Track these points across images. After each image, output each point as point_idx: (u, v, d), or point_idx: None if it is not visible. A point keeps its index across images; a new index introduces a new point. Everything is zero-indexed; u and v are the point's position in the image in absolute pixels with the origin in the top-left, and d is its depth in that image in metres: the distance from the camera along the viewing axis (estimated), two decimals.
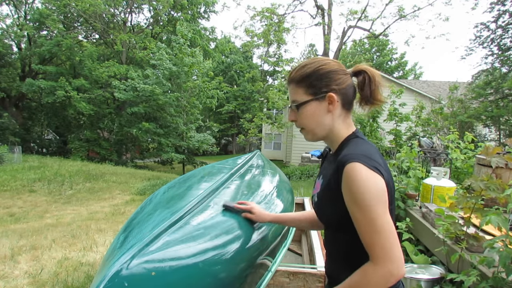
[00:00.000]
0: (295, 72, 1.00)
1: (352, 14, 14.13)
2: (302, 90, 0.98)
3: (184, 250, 1.02)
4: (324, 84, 0.96)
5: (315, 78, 0.96)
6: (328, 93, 0.96)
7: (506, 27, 11.30)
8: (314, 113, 0.97)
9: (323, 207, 0.99)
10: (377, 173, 0.83)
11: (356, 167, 0.82)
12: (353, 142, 0.95)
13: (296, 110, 1.00)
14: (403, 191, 2.90)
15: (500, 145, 8.94)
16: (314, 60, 1.00)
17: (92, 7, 17.64)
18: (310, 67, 0.98)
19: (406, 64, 32.86)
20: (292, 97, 1.01)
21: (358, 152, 0.86)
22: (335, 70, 0.97)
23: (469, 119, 10.50)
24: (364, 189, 0.80)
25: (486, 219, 1.51)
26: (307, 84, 0.97)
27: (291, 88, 1.01)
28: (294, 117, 1.02)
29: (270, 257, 1.49)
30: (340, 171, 0.85)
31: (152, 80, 15.92)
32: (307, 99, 0.97)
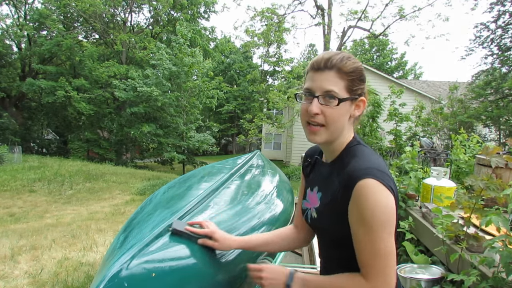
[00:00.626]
0: (338, 61, 0.87)
1: (352, 14, 14.14)
2: (343, 84, 0.86)
3: (184, 250, 1.02)
4: (362, 86, 0.90)
5: (358, 77, 0.88)
6: (361, 97, 0.90)
7: (506, 27, 11.30)
8: (344, 114, 0.88)
9: (325, 225, 0.91)
10: (390, 191, 0.78)
11: (370, 184, 0.77)
12: (359, 151, 0.88)
13: (329, 104, 0.86)
14: (404, 191, 2.90)
15: (500, 145, 8.94)
16: (350, 55, 0.90)
17: (92, 7, 17.65)
18: (355, 62, 0.89)
19: (406, 64, 32.89)
20: (330, 85, 0.86)
21: (371, 166, 0.81)
22: (364, 71, 0.91)
23: (469, 119, 10.50)
24: (374, 210, 0.76)
25: (487, 219, 1.51)
26: (351, 79, 0.87)
27: (329, 76, 0.86)
28: (319, 110, 0.87)
29: (270, 257, 1.49)
30: (350, 187, 0.79)
31: (152, 80, 15.92)
32: (347, 96, 0.87)
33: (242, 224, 1.34)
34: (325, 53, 0.90)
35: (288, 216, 1.84)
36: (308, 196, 1.01)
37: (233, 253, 1.16)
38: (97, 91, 18.66)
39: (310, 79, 0.89)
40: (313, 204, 0.97)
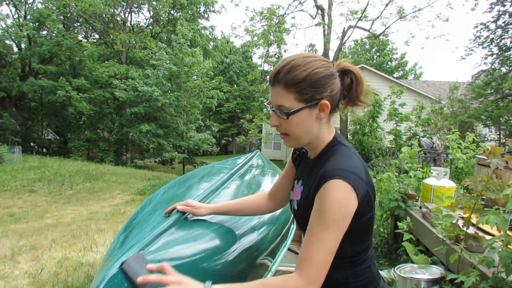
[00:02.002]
0: (284, 74, 0.87)
1: (352, 14, 14.13)
2: (292, 96, 0.87)
3: (184, 250, 1.02)
4: (318, 91, 0.87)
5: (309, 84, 0.86)
6: (322, 101, 0.88)
7: (506, 27, 11.30)
8: (304, 121, 0.89)
9: (303, 218, 0.93)
10: (357, 194, 0.81)
11: (337, 184, 0.80)
12: (338, 152, 0.91)
13: (281, 117, 0.89)
14: (404, 191, 2.90)
15: (500, 145, 8.94)
16: (304, 60, 0.88)
17: (92, 7, 17.66)
18: (303, 70, 0.86)
19: (406, 64, 32.89)
20: (278, 101, 0.89)
21: (343, 167, 0.83)
22: (329, 75, 0.88)
23: (469, 119, 10.50)
24: (332, 210, 0.79)
25: (484, 218, 1.52)
26: (299, 90, 0.86)
27: (277, 91, 0.88)
28: (278, 122, 0.91)
29: (270, 257, 1.49)
30: (320, 185, 0.82)
31: (152, 80, 15.92)
32: (299, 107, 0.87)
33: (242, 224, 1.34)
34: (279, 63, 0.90)
35: (288, 216, 1.84)
36: (295, 187, 1.05)
37: (233, 253, 1.16)
38: (97, 91, 18.66)
39: (270, 91, 0.93)
40: (296, 196, 1.01)
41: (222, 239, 1.18)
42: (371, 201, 0.88)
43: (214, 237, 1.16)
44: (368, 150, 10.43)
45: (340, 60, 0.96)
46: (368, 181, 0.87)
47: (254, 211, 1.21)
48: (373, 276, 0.96)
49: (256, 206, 1.20)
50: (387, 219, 3.25)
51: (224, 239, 1.19)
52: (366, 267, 0.94)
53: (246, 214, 1.24)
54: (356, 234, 0.88)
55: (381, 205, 2.92)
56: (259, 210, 1.21)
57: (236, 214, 1.23)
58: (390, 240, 3.14)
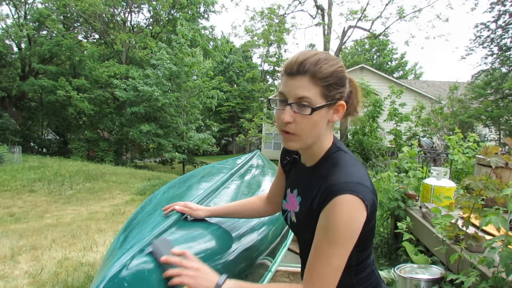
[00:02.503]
0: (312, 65, 0.80)
1: (352, 14, 14.13)
2: (318, 90, 0.80)
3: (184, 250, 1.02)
4: (340, 90, 0.83)
5: (335, 81, 0.82)
6: (340, 100, 0.84)
7: (506, 27, 11.30)
8: (320, 121, 0.83)
9: (305, 231, 0.91)
10: (365, 205, 0.77)
11: (346, 201, 0.76)
12: (340, 160, 0.85)
13: (302, 112, 0.81)
14: (403, 191, 2.90)
15: (500, 145, 8.94)
16: (328, 56, 0.83)
17: (92, 7, 17.66)
18: (331, 65, 0.81)
19: (406, 64, 32.91)
20: (302, 92, 0.80)
21: (350, 180, 0.78)
22: (347, 76, 0.86)
23: (469, 119, 10.51)
24: (342, 227, 0.76)
25: (486, 219, 1.51)
26: (326, 85, 0.81)
27: (302, 81, 0.80)
28: (292, 118, 0.82)
29: (270, 257, 1.49)
30: (327, 200, 0.77)
31: (152, 80, 15.93)
32: (322, 103, 0.81)
33: (242, 224, 1.34)
34: (300, 54, 0.83)
35: None
36: (288, 197, 1.00)
37: (233, 253, 1.16)
38: (97, 91, 18.66)
39: (284, 84, 0.83)
40: (292, 208, 0.96)
41: (222, 239, 1.18)
42: (375, 209, 0.86)
43: (214, 237, 1.16)
44: (368, 150, 10.43)
45: None
46: (373, 189, 0.84)
47: (253, 214, 1.20)
48: (377, 280, 0.95)
49: (254, 210, 1.18)
50: (387, 219, 3.25)
51: (224, 239, 1.19)
52: (370, 272, 0.94)
53: (244, 217, 1.23)
54: (361, 242, 0.86)
55: (381, 205, 2.92)
56: (258, 214, 1.20)
57: (234, 217, 1.22)
58: (390, 240, 3.15)
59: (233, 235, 1.24)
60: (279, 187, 1.11)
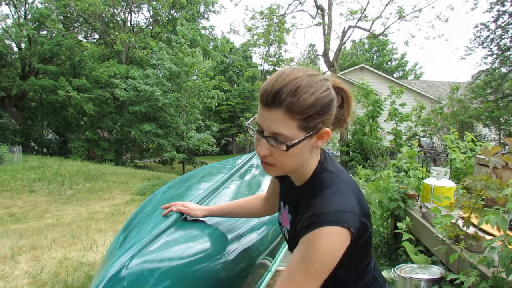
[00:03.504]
0: (288, 95, 0.70)
1: (352, 14, 14.12)
2: (296, 124, 0.71)
3: (184, 250, 1.02)
4: (323, 118, 0.74)
5: (316, 111, 0.72)
6: (324, 128, 0.76)
7: (506, 27, 11.30)
8: (300, 152, 0.76)
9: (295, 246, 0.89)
10: (349, 232, 0.72)
11: (326, 233, 0.71)
12: (326, 183, 0.80)
13: (278, 147, 0.74)
14: (403, 191, 2.90)
15: (500, 145, 8.95)
16: (310, 81, 0.72)
17: (92, 7, 17.67)
18: (311, 94, 0.71)
19: (406, 64, 32.93)
20: (276, 127, 0.72)
21: (334, 209, 0.73)
22: (333, 98, 0.76)
23: (469, 119, 10.51)
24: (319, 261, 0.71)
25: (485, 218, 1.52)
26: (305, 117, 0.71)
27: (276, 115, 0.71)
28: (269, 152, 0.76)
29: (270, 257, 1.49)
30: (308, 229, 0.73)
31: (152, 80, 15.93)
32: (301, 137, 0.73)
33: (242, 224, 1.34)
34: (277, 79, 0.72)
35: None
36: (281, 210, 0.98)
37: (233, 253, 1.16)
38: (97, 91, 18.67)
39: (259, 114, 0.75)
40: (285, 224, 0.95)
41: (222, 239, 1.18)
42: (367, 226, 0.80)
43: (214, 237, 1.16)
44: (368, 150, 10.43)
45: (332, 76, 0.84)
46: (363, 209, 0.79)
47: (251, 214, 1.19)
48: (380, 284, 0.94)
49: (252, 209, 1.17)
50: (387, 219, 3.25)
51: (224, 239, 1.18)
52: (371, 278, 0.92)
53: (242, 216, 1.23)
54: (356, 256, 0.83)
55: (381, 205, 2.92)
56: (255, 213, 1.19)
57: (232, 216, 1.22)
58: (390, 240, 3.14)
59: (233, 235, 1.24)
60: (275, 189, 1.09)
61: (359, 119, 10.58)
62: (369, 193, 3.02)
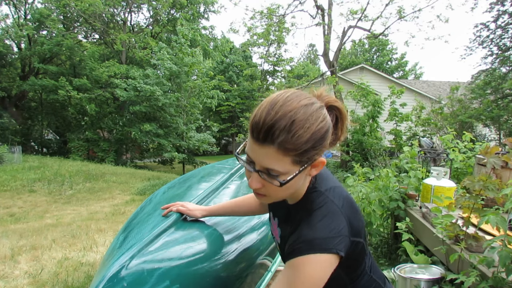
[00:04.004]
0: (282, 132, 0.65)
1: (352, 14, 14.12)
2: (290, 159, 0.68)
3: (183, 250, 1.02)
4: (318, 150, 0.71)
5: (312, 145, 0.68)
6: (319, 158, 0.73)
7: (506, 27, 11.31)
8: (294, 183, 0.73)
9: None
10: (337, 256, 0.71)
11: (312, 261, 0.69)
12: (314, 205, 0.77)
13: (270, 181, 0.71)
14: (403, 191, 2.90)
15: (500, 145, 8.94)
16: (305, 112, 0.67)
17: (92, 7, 17.66)
18: (307, 128, 0.67)
19: (406, 64, 32.91)
20: (269, 163, 0.69)
21: (321, 235, 0.71)
22: (328, 127, 0.72)
23: (469, 119, 10.51)
24: (304, 286, 0.69)
25: (485, 219, 1.52)
26: (300, 153, 0.68)
27: (269, 152, 0.67)
28: (260, 185, 0.73)
29: (270, 257, 1.49)
30: (294, 255, 0.71)
31: (153, 80, 15.94)
32: (295, 171, 0.70)
33: (242, 224, 1.34)
34: (269, 110, 0.67)
35: None
36: (272, 222, 0.97)
37: (233, 253, 1.16)
38: (97, 91, 18.67)
39: (250, 147, 0.71)
40: (276, 236, 0.95)
41: (222, 239, 1.18)
42: (359, 241, 0.79)
43: (214, 237, 1.16)
44: (368, 150, 10.44)
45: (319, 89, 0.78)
46: (354, 227, 0.77)
47: (248, 212, 1.20)
48: (378, 283, 0.93)
49: (249, 208, 1.18)
50: (387, 219, 3.26)
51: (223, 239, 1.19)
52: (368, 279, 0.91)
53: (239, 215, 1.24)
54: (350, 265, 0.82)
55: (381, 205, 2.92)
56: (252, 212, 1.20)
57: (231, 215, 1.22)
58: (390, 240, 3.15)
59: (232, 235, 1.24)
60: None
61: (359, 119, 10.57)
62: (368, 192, 3.02)
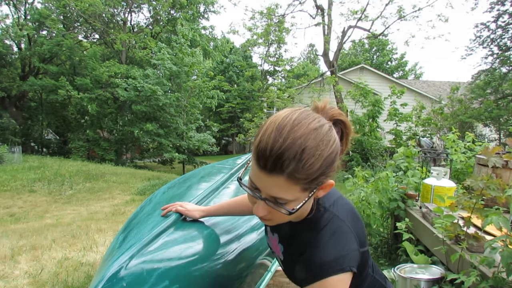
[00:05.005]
0: (292, 162, 0.61)
1: (352, 14, 14.14)
2: (299, 187, 0.65)
3: (183, 250, 1.02)
4: (327, 175, 0.67)
5: (322, 172, 0.65)
6: (328, 181, 0.70)
7: (506, 27, 11.31)
8: (302, 209, 0.71)
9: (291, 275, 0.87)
10: (352, 272, 0.71)
11: (333, 283, 0.68)
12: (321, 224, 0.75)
13: (278, 209, 0.68)
14: (403, 191, 2.90)
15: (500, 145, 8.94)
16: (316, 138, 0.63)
17: (92, 7, 17.66)
18: (318, 156, 0.62)
19: (406, 64, 32.91)
20: (277, 193, 0.65)
21: (334, 256, 0.70)
22: (339, 146, 0.69)
23: (469, 119, 10.51)
24: None
25: (488, 220, 1.51)
26: (310, 180, 0.64)
27: (277, 181, 0.63)
28: (266, 212, 0.70)
29: (270, 257, 1.49)
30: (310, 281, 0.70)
31: (153, 80, 15.94)
32: (304, 198, 0.67)
33: (242, 223, 1.34)
34: (275, 139, 0.62)
35: None
36: (270, 236, 0.95)
37: (232, 253, 1.16)
38: (97, 91, 18.67)
39: (255, 175, 0.67)
40: (277, 253, 0.92)
41: (221, 239, 1.18)
42: (365, 251, 0.80)
43: (214, 237, 1.16)
44: (368, 150, 10.44)
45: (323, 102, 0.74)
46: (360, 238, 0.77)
47: (245, 212, 1.19)
48: (381, 283, 0.93)
49: (248, 207, 1.15)
50: (387, 219, 3.25)
51: (223, 239, 1.18)
52: (371, 279, 0.91)
53: (238, 215, 1.23)
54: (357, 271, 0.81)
55: (381, 205, 2.92)
56: (250, 212, 1.17)
57: (229, 215, 1.22)
58: (390, 240, 3.14)
59: (232, 235, 1.23)
60: None
61: (359, 119, 10.58)
62: (368, 194, 3.02)
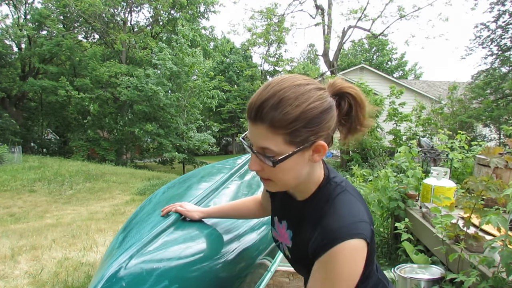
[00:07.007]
0: (270, 110, 0.66)
1: (352, 13, 14.13)
2: (281, 138, 0.67)
3: (183, 250, 1.02)
4: (313, 131, 0.68)
5: (303, 124, 0.67)
6: (317, 141, 0.70)
7: (506, 27, 11.32)
8: (294, 166, 0.72)
9: (299, 264, 0.86)
10: (366, 242, 0.70)
11: (346, 249, 0.67)
12: (334, 197, 0.76)
13: (266, 162, 0.70)
14: (403, 191, 2.90)
15: (500, 145, 8.94)
16: (296, 91, 0.67)
17: (92, 7, 17.67)
18: (295, 106, 0.66)
19: (406, 64, 32.92)
20: (262, 143, 0.69)
21: (349, 221, 0.70)
22: (327, 108, 0.70)
23: (469, 119, 10.51)
24: (343, 279, 0.68)
25: (486, 219, 1.51)
26: (290, 131, 0.67)
27: (260, 131, 0.68)
28: (259, 167, 0.73)
29: (270, 257, 1.49)
30: (325, 249, 0.69)
31: (153, 80, 15.95)
32: (289, 152, 0.69)
33: (242, 223, 1.33)
34: (261, 92, 0.69)
35: None
36: (277, 227, 0.93)
37: (232, 253, 1.16)
38: (97, 91, 18.68)
39: (248, 127, 0.73)
40: (284, 241, 0.90)
41: (221, 238, 1.18)
42: (374, 232, 0.77)
43: (213, 237, 1.16)
44: (368, 150, 10.43)
45: (333, 78, 0.77)
46: (370, 217, 0.76)
47: (246, 216, 1.19)
48: (384, 284, 0.93)
49: (248, 211, 1.16)
50: (387, 219, 3.25)
51: (223, 238, 1.18)
52: (376, 279, 0.90)
53: (238, 218, 1.22)
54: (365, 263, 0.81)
55: (380, 204, 2.92)
56: (251, 216, 1.18)
57: (229, 218, 1.21)
58: (390, 240, 3.14)
59: (232, 235, 1.23)
60: (268, 197, 1.04)
61: None
62: (367, 193, 3.02)
